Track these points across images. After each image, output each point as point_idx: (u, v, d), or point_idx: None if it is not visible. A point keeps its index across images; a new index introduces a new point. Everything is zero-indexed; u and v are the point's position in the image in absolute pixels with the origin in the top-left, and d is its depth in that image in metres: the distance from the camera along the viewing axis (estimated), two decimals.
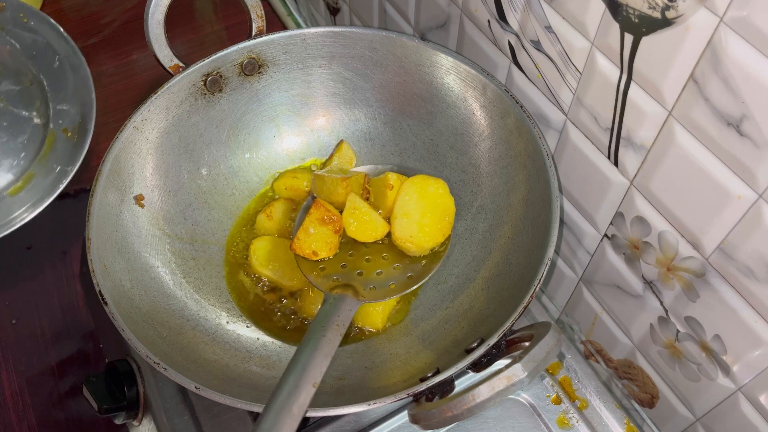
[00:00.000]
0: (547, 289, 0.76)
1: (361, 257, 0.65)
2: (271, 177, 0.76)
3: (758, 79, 0.40)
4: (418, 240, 0.64)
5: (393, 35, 0.69)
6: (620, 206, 0.57)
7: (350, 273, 0.64)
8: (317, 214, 0.63)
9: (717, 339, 0.53)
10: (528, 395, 0.70)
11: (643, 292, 0.59)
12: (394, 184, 0.65)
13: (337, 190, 0.66)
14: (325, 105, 0.75)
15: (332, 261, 0.65)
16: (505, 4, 0.59)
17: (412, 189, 0.64)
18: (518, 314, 0.52)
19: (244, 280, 0.69)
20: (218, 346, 0.63)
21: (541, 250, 0.56)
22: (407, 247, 0.64)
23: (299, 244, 0.63)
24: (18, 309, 0.80)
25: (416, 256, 0.65)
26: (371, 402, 0.50)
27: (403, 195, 0.64)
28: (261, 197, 0.75)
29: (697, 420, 0.61)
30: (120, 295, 0.58)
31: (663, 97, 0.47)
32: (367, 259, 0.65)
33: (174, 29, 0.67)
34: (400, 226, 0.64)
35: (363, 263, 0.65)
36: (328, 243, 0.64)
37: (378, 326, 0.66)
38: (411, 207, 0.64)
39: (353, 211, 0.64)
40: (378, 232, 0.65)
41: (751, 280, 0.48)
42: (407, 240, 0.64)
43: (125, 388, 0.67)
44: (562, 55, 0.55)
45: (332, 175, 0.67)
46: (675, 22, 0.43)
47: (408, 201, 0.64)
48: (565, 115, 0.59)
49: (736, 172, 0.45)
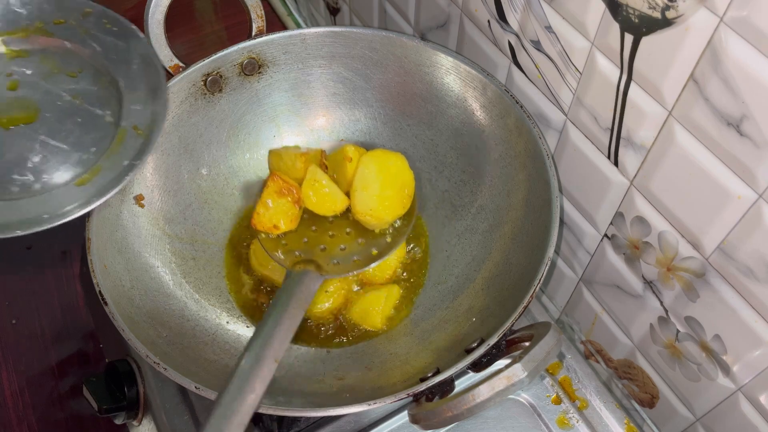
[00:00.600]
0: (547, 289, 0.76)
1: (324, 232, 0.64)
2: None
3: (758, 79, 0.40)
4: (378, 213, 0.63)
5: (393, 35, 0.69)
6: (620, 206, 0.57)
7: (313, 248, 0.63)
8: (275, 186, 0.62)
9: (717, 339, 0.53)
10: (528, 395, 0.70)
11: (643, 292, 0.59)
12: (352, 156, 0.64)
13: (296, 165, 0.65)
14: (325, 105, 0.75)
15: (294, 236, 0.63)
16: (505, 4, 0.59)
17: (371, 162, 0.64)
18: (518, 314, 0.52)
19: (245, 281, 0.69)
20: (218, 346, 0.63)
21: (541, 250, 0.56)
22: (367, 220, 0.63)
23: (259, 218, 0.62)
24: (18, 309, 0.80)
25: (381, 232, 0.64)
26: (371, 402, 0.50)
27: (363, 168, 0.63)
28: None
29: (697, 420, 0.61)
30: (120, 295, 0.58)
31: (663, 97, 0.47)
32: (331, 235, 0.64)
33: (174, 29, 0.67)
34: (359, 199, 0.63)
35: (326, 238, 0.63)
36: (288, 215, 0.63)
37: (378, 326, 0.66)
38: (370, 180, 0.63)
39: (313, 183, 0.63)
40: (338, 204, 0.64)
41: (751, 280, 0.48)
42: (367, 213, 0.63)
43: (125, 388, 0.67)
44: (562, 55, 0.55)
45: (290, 151, 0.67)
46: (675, 22, 0.43)
47: (367, 174, 0.63)
48: (565, 115, 0.59)
49: (736, 172, 0.45)
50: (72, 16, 0.64)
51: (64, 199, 0.55)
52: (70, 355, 0.77)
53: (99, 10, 0.64)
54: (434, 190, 0.73)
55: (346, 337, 0.66)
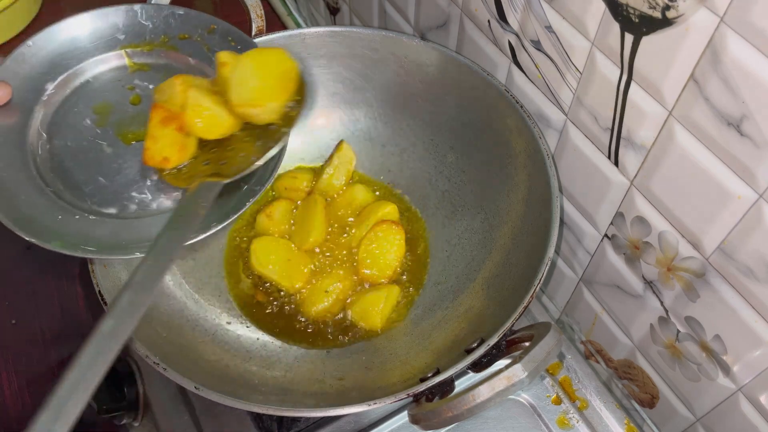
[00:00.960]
0: (547, 289, 0.76)
1: (224, 150, 0.60)
2: None
3: (758, 79, 0.40)
4: (257, 101, 0.58)
5: (393, 35, 0.69)
6: (620, 206, 0.57)
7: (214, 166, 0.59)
8: (157, 116, 0.57)
9: (717, 339, 0.53)
10: (528, 395, 0.70)
11: (644, 292, 0.59)
12: (226, 60, 0.60)
13: (175, 90, 0.59)
14: (325, 105, 0.75)
15: (194, 163, 0.59)
16: (505, 4, 0.59)
17: (246, 60, 0.60)
18: (518, 314, 0.52)
19: (244, 281, 0.69)
20: (218, 346, 0.63)
21: (541, 250, 0.56)
22: (250, 113, 0.59)
23: (150, 154, 0.57)
24: (18, 309, 0.80)
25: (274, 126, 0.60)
26: (371, 402, 0.50)
27: (239, 68, 0.60)
28: (261, 197, 0.75)
29: (698, 420, 0.61)
30: None
31: (663, 97, 0.47)
32: (231, 149, 0.60)
33: None
34: (237, 93, 0.58)
35: (227, 154, 0.59)
36: (177, 144, 0.58)
37: (377, 326, 0.66)
38: (247, 75, 0.59)
39: (195, 108, 0.58)
40: (225, 123, 0.59)
41: (751, 280, 0.48)
42: (247, 104, 0.58)
43: (125, 388, 0.67)
44: (562, 55, 0.55)
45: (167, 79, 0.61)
46: (675, 21, 0.43)
47: (244, 71, 0.59)
48: (565, 115, 0.59)
49: (736, 172, 0.45)
50: (197, 32, 0.64)
51: None
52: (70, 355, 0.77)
53: (224, 27, 0.64)
54: (434, 190, 0.73)
55: (346, 337, 0.66)
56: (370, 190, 0.75)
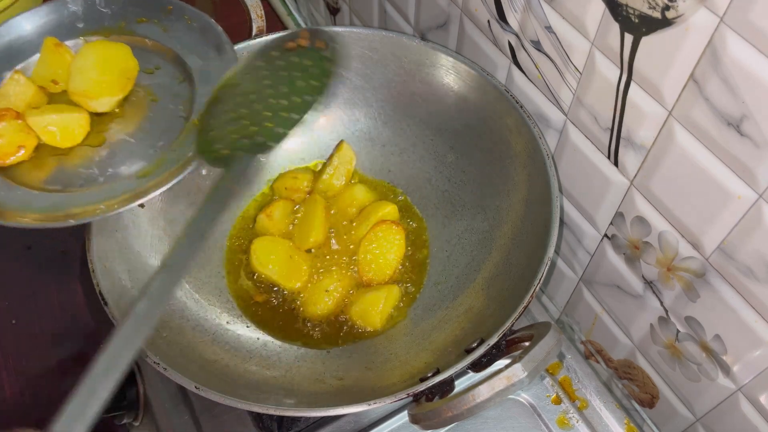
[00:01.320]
0: (547, 289, 0.76)
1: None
2: (270, 177, 0.76)
3: (758, 79, 0.40)
4: (92, 94, 0.60)
5: (393, 35, 0.69)
6: (620, 206, 0.57)
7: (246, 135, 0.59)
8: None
9: (717, 339, 0.53)
10: (528, 395, 0.70)
11: (643, 292, 0.59)
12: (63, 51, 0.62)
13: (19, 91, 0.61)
14: (325, 105, 0.75)
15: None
16: (505, 4, 0.59)
17: (88, 51, 0.62)
18: (518, 314, 0.52)
19: (244, 280, 0.69)
20: (218, 346, 0.63)
21: (541, 250, 0.56)
22: (83, 102, 0.61)
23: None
24: (18, 309, 0.80)
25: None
26: (371, 402, 0.50)
27: (79, 58, 0.61)
28: (261, 197, 0.75)
29: (698, 420, 0.61)
30: (120, 295, 0.58)
31: (663, 97, 0.47)
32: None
33: None
34: (74, 83, 0.60)
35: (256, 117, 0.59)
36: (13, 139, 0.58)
37: (377, 326, 0.66)
38: (87, 66, 0.61)
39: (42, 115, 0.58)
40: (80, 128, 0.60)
41: (751, 280, 0.48)
42: (81, 95, 0.60)
43: (125, 388, 0.67)
44: (561, 55, 0.55)
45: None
46: (675, 22, 0.43)
47: (84, 61, 0.61)
48: (565, 115, 0.59)
49: (736, 172, 0.45)
50: (154, 15, 0.66)
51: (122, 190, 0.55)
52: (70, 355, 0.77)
53: (179, 6, 0.66)
54: (434, 190, 0.73)
55: (346, 337, 0.66)
56: (370, 190, 0.74)
